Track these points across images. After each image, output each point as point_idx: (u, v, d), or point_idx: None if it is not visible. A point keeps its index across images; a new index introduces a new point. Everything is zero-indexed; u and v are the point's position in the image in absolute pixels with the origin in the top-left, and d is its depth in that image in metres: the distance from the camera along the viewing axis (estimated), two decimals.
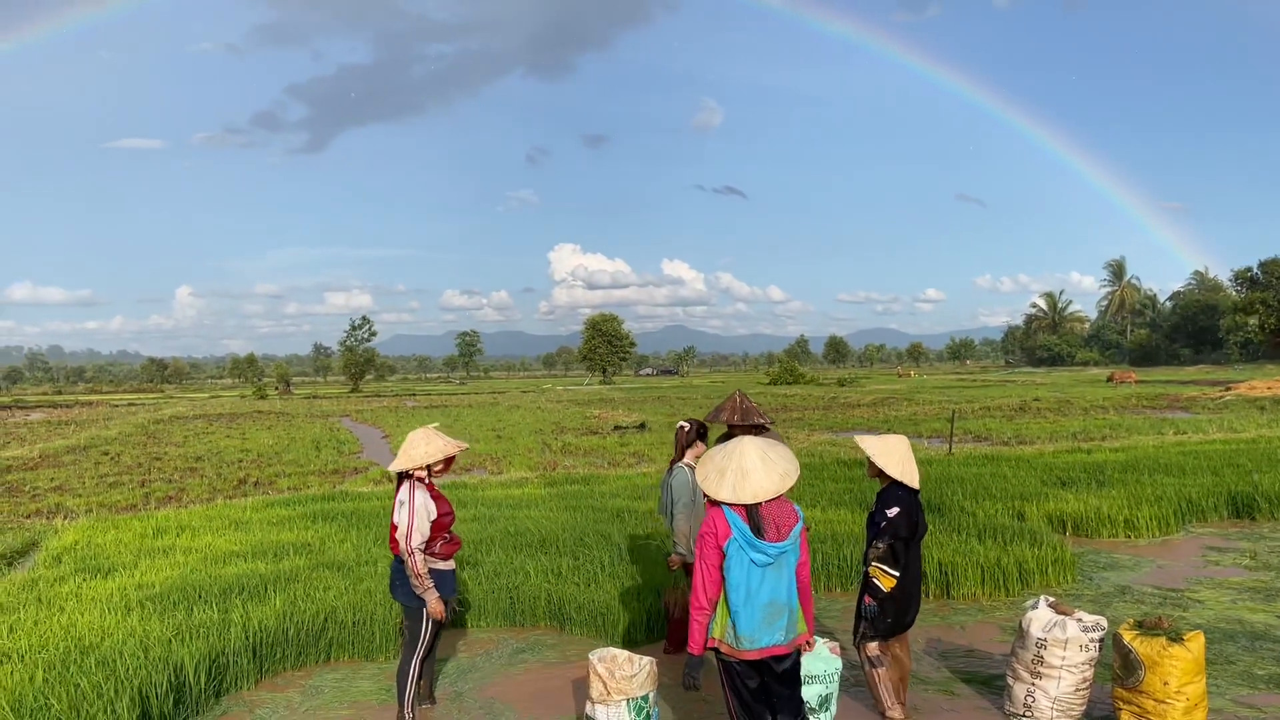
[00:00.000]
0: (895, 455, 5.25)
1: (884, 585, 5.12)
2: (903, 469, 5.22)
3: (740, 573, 4.07)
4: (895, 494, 5.22)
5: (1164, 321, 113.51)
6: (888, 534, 5.15)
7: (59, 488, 17.89)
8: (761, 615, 4.10)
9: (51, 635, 6.47)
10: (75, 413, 52.89)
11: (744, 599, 4.07)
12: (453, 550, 5.63)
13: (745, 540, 4.05)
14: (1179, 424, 23.95)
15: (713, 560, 4.08)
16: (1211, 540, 10.20)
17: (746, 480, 4.10)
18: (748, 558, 4.07)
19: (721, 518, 4.09)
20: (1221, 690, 5.68)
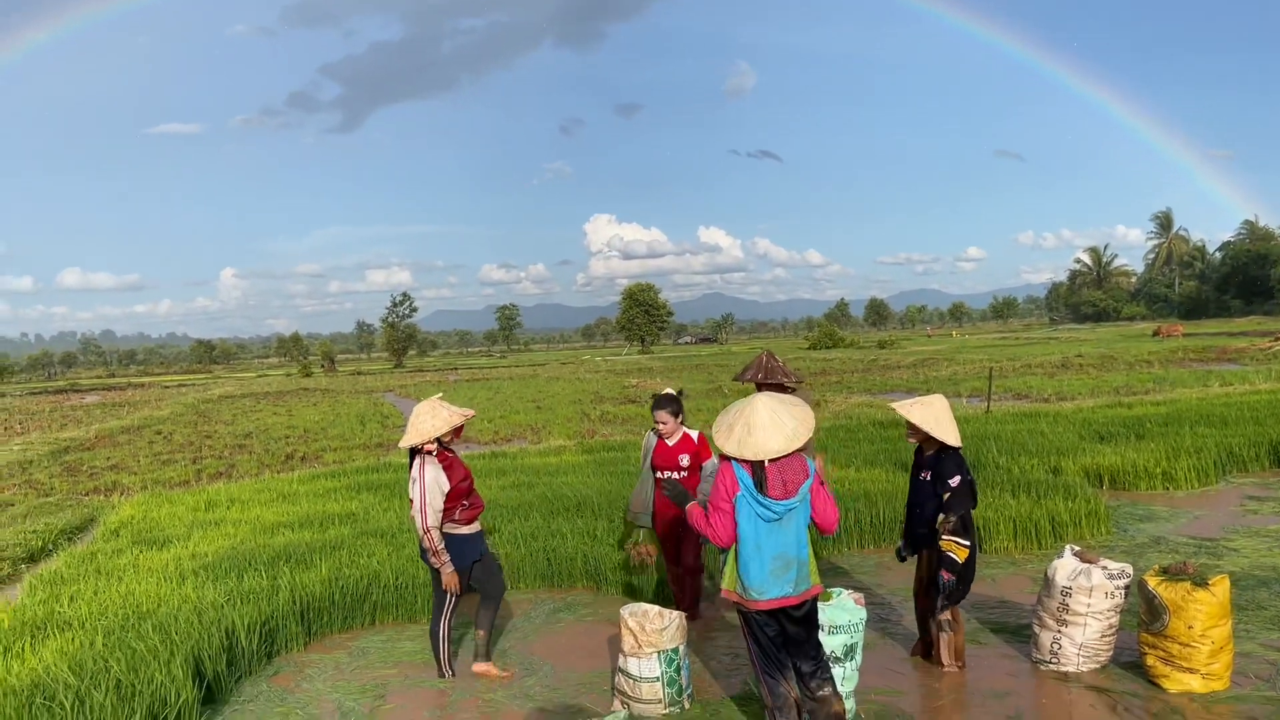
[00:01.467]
0: (945, 420, 5.20)
1: (959, 557, 5.12)
2: (956, 434, 5.21)
3: (749, 526, 4.20)
4: (953, 461, 5.19)
5: (1213, 273, 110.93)
6: (955, 505, 5.13)
7: (115, 466, 18.43)
8: (769, 568, 4.22)
9: (110, 603, 6.77)
10: (128, 395, 54.18)
11: (752, 552, 4.21)
12: (474, 515, 5.79)
13: (752, 496, 4.17)
14: (1225, 376, 23.56)
15: (726, 509, 4.22)
16: (1252, 490, 10.12)
17: (751, 436, 4.19)
18: (755, 512, 4.19)
19: (730, 472, 4.21)
20: (1252, 634, 5.71)
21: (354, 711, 5.41)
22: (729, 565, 4.30)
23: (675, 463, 6.31)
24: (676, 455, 6.32)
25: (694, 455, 6.32)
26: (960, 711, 4.98)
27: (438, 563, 5.57)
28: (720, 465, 4.30)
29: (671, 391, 6.43)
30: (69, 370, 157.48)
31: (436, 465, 5.60)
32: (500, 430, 21.17)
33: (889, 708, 5.02)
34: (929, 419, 5.20)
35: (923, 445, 5.39)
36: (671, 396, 6.36)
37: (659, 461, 6.37)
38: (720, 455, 4.30)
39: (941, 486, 5.18)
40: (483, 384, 44.28)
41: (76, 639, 5.84)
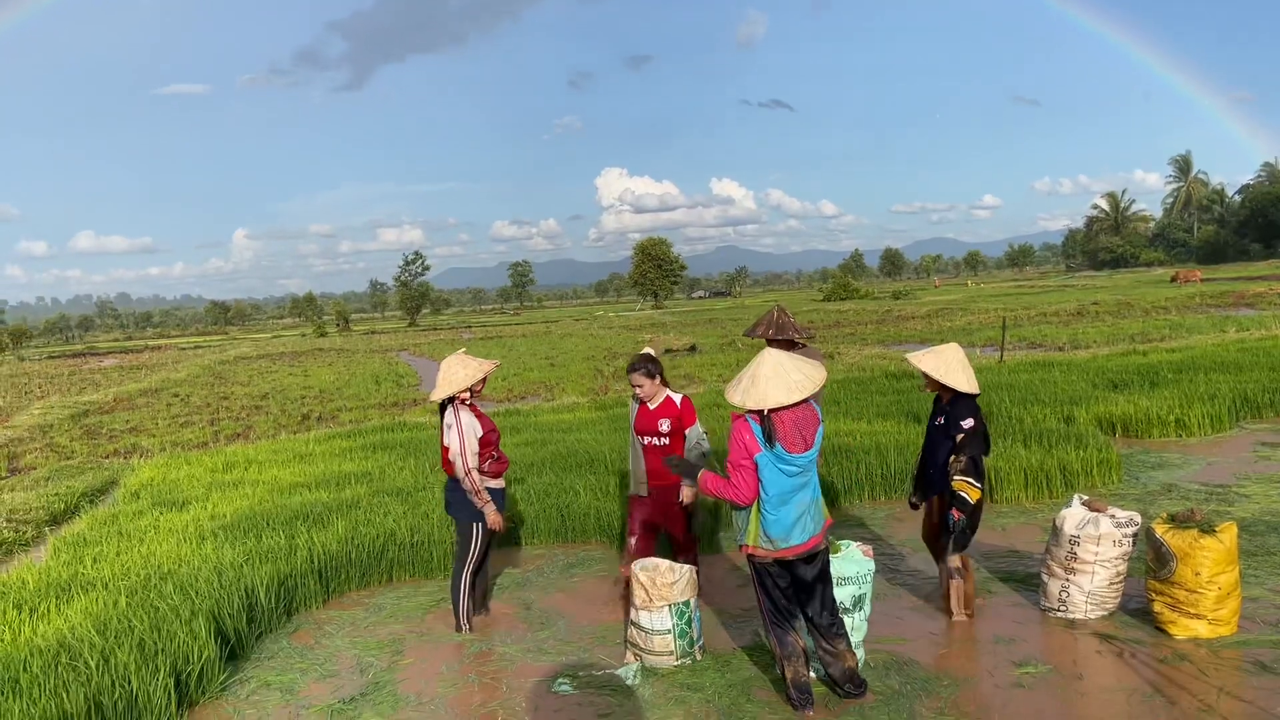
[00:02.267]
0: (957, 368, 5.27)
1: (971, 497, 5.18)
2: (969, 379, 5.27)
3: (774, 482, 4.29)
4: (967, 405, 5.26)
5: (1232, 217, 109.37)
6: (967, 447, 5.20)
7: (134, 429, 18.65)
8: (792, 518, 4.35)
9: (132, 564, 6.90)
10: (145, 357, 54.62)
11: (775, 505, 4.30)
12: (501, 469, 5.91)
13: (769, 452, 4.26)
14: (1242, 321, 23.39)
15: (748, 466, 4.28)
16: (1266, 436, 10.09)
17: (755, 387, 4.30)
18: (778, 470, 4.28)
19: (749, 430, 4.29)
20: (1260, 580, 5.73)
21: (373, 666, 5.52)
22: (752, 521, 4.37)
23: (655, 428, 5.80)
24: (656, 420, 5.80)
25: (675, 420, 5.81)
26: (968, 658, 5.04)
27: (481, 502, 5.71)
28: (737, 424, 4.36)
29: (650, 351, 6.02)
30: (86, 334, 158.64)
31: (469, 411, 5.78)
32: (514, 388, 21.27)
33: (898, 656, 5.08)
34: (939, 367, 5.27)
35: (940, 394, 5.45)
36: (648, 356, 5.91)
37: (640, 427, 5.88)
38: (734, 414, 4.38)
39: (954, 429, 5.26)
40: (496, 341, 44.41)
41: (100, 599, 5.97)
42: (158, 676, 4.87)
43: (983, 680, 4.75)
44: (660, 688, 4.92)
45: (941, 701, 4.55)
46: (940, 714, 4.42)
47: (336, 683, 5.33)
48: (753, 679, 4.93)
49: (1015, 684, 4.67)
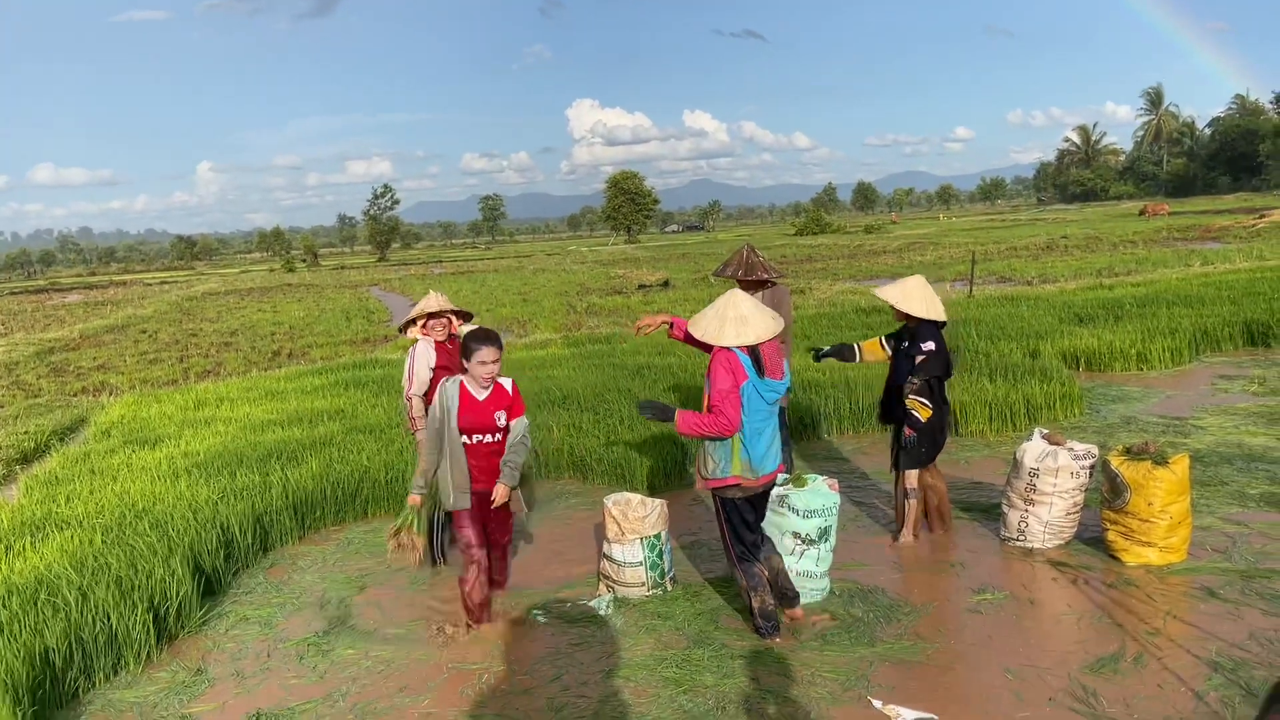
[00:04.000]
0: (917, 296, 5.50)
1: (922, 416, 5.47)
2: (928, 307, 5.48)
3: (753, 411, 4.51)
4: (929, 330, 5.50)
5: (1202, 150, 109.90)
6: (923, 370, 5.45)
7: (101, 366, 18.50)
8: (766, 445, 4.59)
9: (106, 502, 6.93)
10: (110, 293, 53.83)
11: (755, 434, 4.53)
12: None
13: (757, 382, 4.49)
14: (1207, 255, 23.69)
15: (736, 396, 4.45)
16: (1223, 369, 10.33)
17: (747, 325, 4.50)
18: (759, 397, 4.51)
19: (738, 362, 4.48)
20: (1212, 509, 5.94)
21: (333, 601, 5.63)
22: (734, 452, 4.52)
23: (491, 422, 4.91)
24: (492, 413, 4.92)
25: (509, 411, 4.99)
26: (930, 584, 5.22)
27: (413, 427, 5.88)
28: (722, 357, 4.49)
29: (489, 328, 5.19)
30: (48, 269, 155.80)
31: (428, 342, 5.96)
32: (486, 324, 21.21)
33: (861, 584, 5.25)
34: (899, 295, 5.51)
35: (907, 323, 5.63)
36: (492, 333, 5.04)
37: (468, 423, 4.87)
38: (717, 349, 4.53)
39: (915, 350, 5.48)
40: (468, 277, 44.13)
41: (76, 537, 6.01)
42: (136, 612, 4.95)
43: (941, 606, 4.93)
44: (632, 617, 5.06)
45: (902, 627, 4.72)
46: (900, 638, 4.60)
47: (310, 616, 5.44)
48: (720, 608, 5.09)
49: (972, 609, 4.86)
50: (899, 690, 4.10)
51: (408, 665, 4.73)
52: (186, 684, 4.71)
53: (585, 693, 4.28)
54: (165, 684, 4.73)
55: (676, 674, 4.35)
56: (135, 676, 4.82)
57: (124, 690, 4.70)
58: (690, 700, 4.13)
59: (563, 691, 4.30)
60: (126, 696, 4.63)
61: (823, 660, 4.42)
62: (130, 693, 4.67)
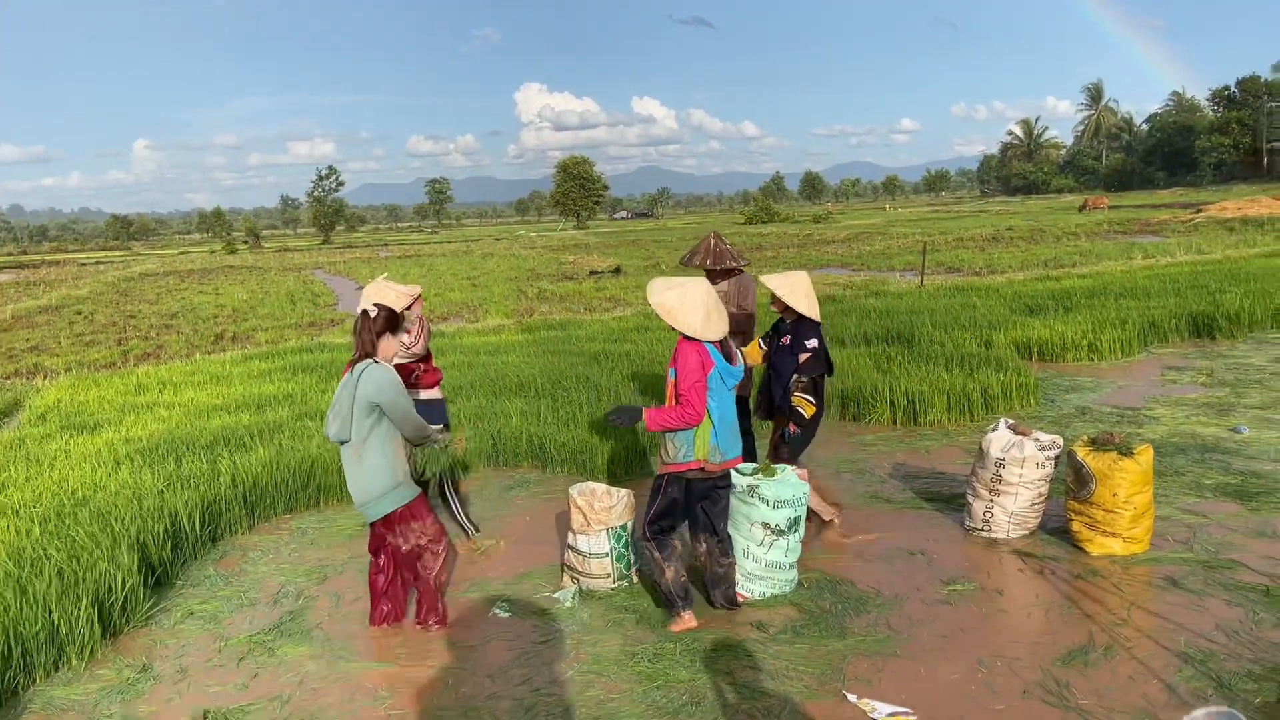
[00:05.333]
0: (802, 292, 5.53)
1: (807, 413, 5.51)
2: (810, 304, 5.52)
3: (717, 397, 4.59)
4: (811, 327, 5.53)
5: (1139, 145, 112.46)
6: (808, 369, 5.49)
7: (35, 348, 17.86)
8: (729, 431, 4.70)
9: (44, 490, 6.64)
10: (43, 273, 52.12)
11: (719, 421, 4.61)
12: (435, 379, 5.86)
13: (723, 369, 4.59)
14: (1148, 248, 24.17)
15: (703, 385, 4.52)
16: (1171, 360, 10.51)
17: (714, 319, 4.60)
18: (723, 384, 4.62)
19: (706, 353, 4.57)
20: (1170, 499, 6.00)
21: (289, 594, 5.44)
22: (700, 437, 4.57)
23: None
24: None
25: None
26: (898, 575, 5.18)
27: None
28: (692, 345, 4.55)
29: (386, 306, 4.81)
30: None
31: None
32: (435, 308, 20.91)
33: (830, 575, 5.20)
34: (787, 289, 5.51)
35: (784, 316, 5.67)
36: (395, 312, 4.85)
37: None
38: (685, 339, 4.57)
39: (798, 348, 5.51)
40: (415, 260, 43.54)
41: (12, 527, 5.74)
42: (79, 606, 4.72)
43: (911, 598, 4.90)
44: (599, 610, 4.96)
45: (872, 619, 4.68)
46: (871, 631, 4.55)
47: (259, 612, 5.24)
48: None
49: (942, 601, 4.83)
50: (874, 684, 4.05)
51: (364, 664, 4.57)
52: (131, 681, 4.50)
53: (555, 691, 4.16)
54: (109, 681, 4.52)
55: (649, 669, 4.26)
56: (78, 673, 4.60)
57: (66, 687, 4.47)
58: (664, 696, 4.04)
59: (532, 692, 4.16)
60: (68, 694, 4.41)
61: (795, 653, 4.36)
62: (72, 690, 4.45)
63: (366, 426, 4.53)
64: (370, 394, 4.48)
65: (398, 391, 4.53)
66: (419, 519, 4.75)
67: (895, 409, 8.48)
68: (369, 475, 4.59)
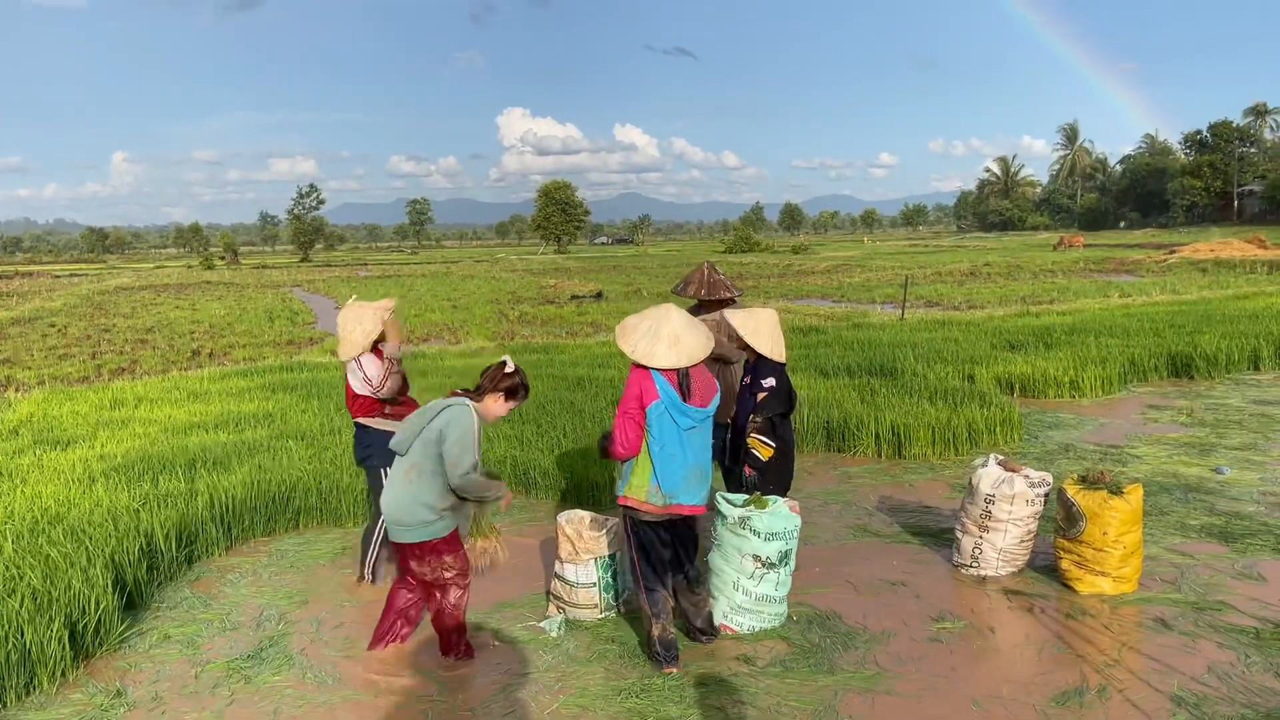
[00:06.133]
0: (765, 332, 5.31)
1: (763, 455, 5.32)
2: (773, 345, 5.31)
3: (667, 434, 4.31)
4: (770, 366, 5.33)
5: (1113, 185, 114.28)
6: (765, 408, 5.31)
7: (6, 360, 17.58)
8: (683, 475, 4.40)
9: (16, 507, 6.47)
10: (16, 284, 51.46)
11: (669, 459, 4.33)
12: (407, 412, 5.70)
13: (671, 404, 4.29)
14: (1124, 287, 24.47)
15: (637, 419, 4.30)
16: (1151, 399, 10.58)
17: (679, 345, 4.33)
18: (671, 420, 4.31)
19: (649, 380, 4.29)
20: (1156, 539, 6.01)
21: (268, 618, 5.33)
22: (636, 473, 4.38)
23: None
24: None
25: None
26: (886, 611, 5.14)
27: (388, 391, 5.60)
28: (635, 374, 4.36)
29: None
30: None
31: (373, 357, 5.64)
32: (415, 329, 20.81)
33: (818, 610, 5.15)
34: (749, 327, 5.30)
35: (748, 356, 5.47)
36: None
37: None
38: (634, 365, 4.37)
39: (756, 388, 5.34)
40: (395, 280, 43.36)
41: None
42: (52, 628, 4.59)
43: (900, 634, 4.85)
44: (585, 641, 4.88)
45: (861, 655, 4.63)
46: (861, 667, 4.50)
47: (236, 637, 5.12)
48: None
49: (933, 638, 4.79)
50: None
51: (344, 694, 4.47)
52: (104, 707, 4.37)
53: None
54: (81, 705, 4.39)
55: (638, 704, 4.18)
56: (49, 697, 4.46)
57: (36, 712, 4.33)
58: None
59: None
60: (40, 719, 4.28)
61: (785, 689, 4.30)
62: (43, 715, 4.31)
63: (428, 456, 4.48)
64: (441, 426, 4.44)
65: (463, 444, 4.42)
66: (448, 553, 4.64)
67: (880, 441, 8.46)
68: (408, 502, 4.51)
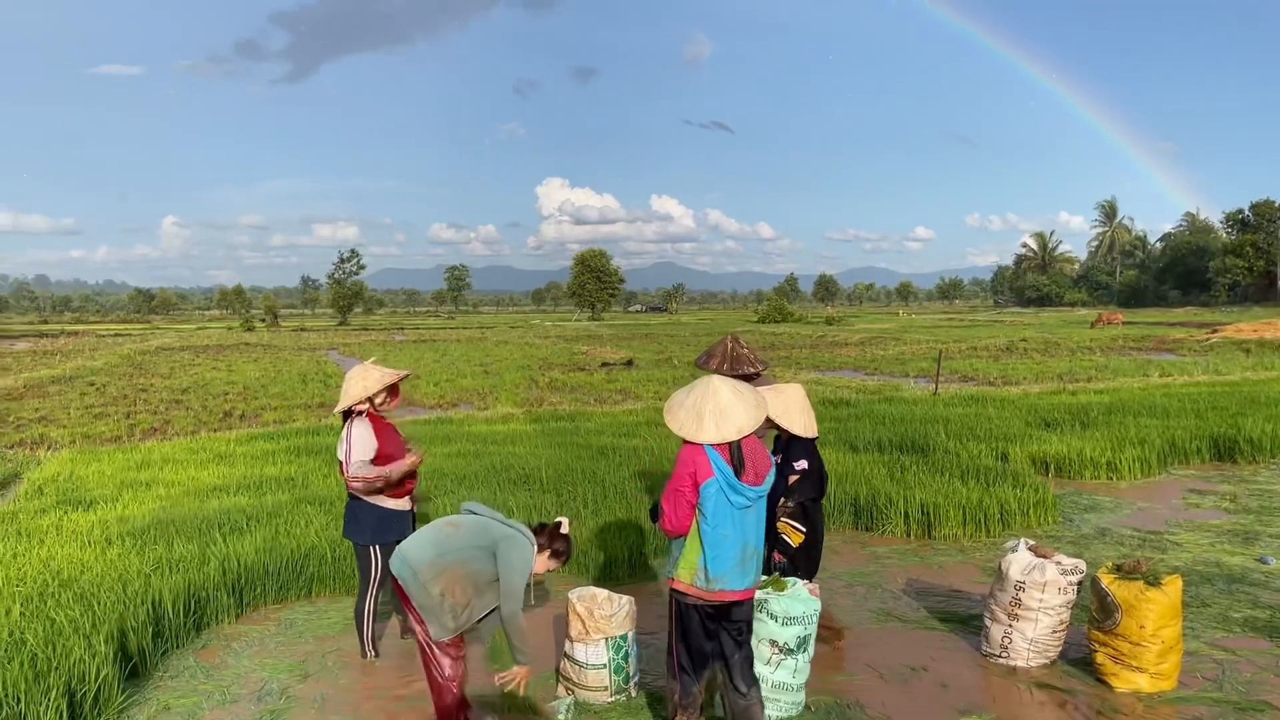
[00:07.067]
0: (797, 410, 5.16)
1: (793, 541, 5.16)
2: (805, 423, 5.17)
3: (717, 514, 4.02)
4: (803, 446, 5.18)
5: (1153, 263, 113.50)
6: (797, 491, 5.16)
7: (43, 418, 17.79)
8: (735, 558, 4.08)
9: (30, 569, 6.43)
10: (61, 343, 52.54)
11: (721, 540, 4.03)
12: (403, 491, 5.62)
13: (727, 483, 4.00)
14: (1164, 366, 24.03)
15: (690, 497, 4.02)
16: (1193, 483, 10.25)
17: (726, 418, 4.04)
18: (725, 499, 4.02)
19: (703, 456, 4.01)
20: (1197, 633, 5.72)
21: (271, 692, 5.19)
22: (686, 555, 4.10)
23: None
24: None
25: None
26: (911, 703, 4.91)
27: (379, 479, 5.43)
28: (687, 450, 4.08)
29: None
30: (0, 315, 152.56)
31: (366, 424, 5.55)
32: (446, 394, 20.84)
33: (840, 699, 4.93)
34: (778, 407, 5.14)
35: (779, 431, 5.32)
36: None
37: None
38: (685, 442, 4.10)
39: (788, 469, 5.17)
40: (429, 345, 43.71)
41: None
42: (49, 697, 4.49)
43: None
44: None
45: None
46: None
47: (236, 710, 4.98)
48: None
49: None
50: None
51: None
52: None
53: None
54: None
55: None
56: None
57: None
58: None
59: None
60: None
61: None
62: None
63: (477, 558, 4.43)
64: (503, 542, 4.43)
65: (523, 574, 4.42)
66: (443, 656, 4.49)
67: (909, 520, 8.23)
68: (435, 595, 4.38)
